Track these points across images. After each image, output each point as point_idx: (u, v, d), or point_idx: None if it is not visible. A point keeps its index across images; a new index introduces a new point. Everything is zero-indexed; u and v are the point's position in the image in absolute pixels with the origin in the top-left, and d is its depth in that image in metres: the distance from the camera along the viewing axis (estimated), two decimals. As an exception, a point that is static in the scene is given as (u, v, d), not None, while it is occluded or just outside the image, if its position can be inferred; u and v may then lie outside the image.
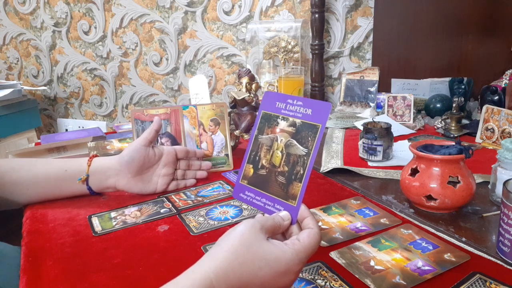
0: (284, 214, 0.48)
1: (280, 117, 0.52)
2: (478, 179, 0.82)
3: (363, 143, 0.97)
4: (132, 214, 0.76)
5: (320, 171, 0.93)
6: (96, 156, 0.80)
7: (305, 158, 0.48)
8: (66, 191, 0.79)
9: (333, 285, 0.55)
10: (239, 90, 1.19)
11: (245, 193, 0.53)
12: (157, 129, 0.81)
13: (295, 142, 0.50)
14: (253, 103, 1.06)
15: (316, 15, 1.47)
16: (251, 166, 0.53)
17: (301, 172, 0.48)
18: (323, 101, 0.49)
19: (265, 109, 0.53)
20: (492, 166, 0.76)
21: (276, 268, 0.43)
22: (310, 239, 0.45)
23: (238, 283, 0.42)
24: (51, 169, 0.78)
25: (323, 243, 0.65)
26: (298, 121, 0.50)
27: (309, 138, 0.49)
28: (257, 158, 0.52)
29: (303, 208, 0.48)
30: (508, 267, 0.58)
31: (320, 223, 0.71)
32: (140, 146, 0.79)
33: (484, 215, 0.71)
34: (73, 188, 0.79)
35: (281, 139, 0.51)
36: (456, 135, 1.13)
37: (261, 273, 0.42)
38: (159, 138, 0.92)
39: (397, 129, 1.18)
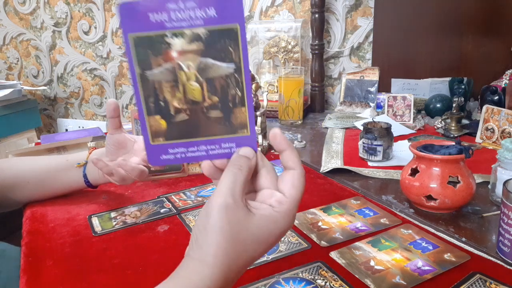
0: (245, 151, 0.40)
1: (167, 34, 0.36)
2: (478, 179, 0.82)
3: (363, 143, 0.97)
4: (132, 214, 0.76)
5: (320, 171, 0.93)
6: (95, 148, 0.83)
7: (236, 75, 0.38)
8: (65, 181, 0.80)
9: (333, 285, 0.55)
10: (239, 90, 1.19)
11: (169, 153, 0.40)
12: (111, 116, 0.73)
13: (210, 60, 0.37)
14: (253, 103, 1.06)
15: (316, 15, 1.47)
16: (158, 117, 0.39)
17: (239, 93, 0.38)
18: None
19: (133, 31, 0.36)
20: (492, 166, 0.76)
21: (272, 240, 0.40)
22: (296, 189, 0.40)
23: (236, 275, 0.40)
24: (52, 159, 0.83)
25: (323, 243, 0.65)
26: (201, 30, 0.36)
27: (230, 48, 0.37)
28: (162, 103, 0.39)
29: (280, 138, 0.40)
30: (508, 267, 0.58)
31: (320, 223, 0.71)
32: (108, 135, 0.78)
33: (484, 215, 0.71)
34: (71, 177, 0.79)
35: (188, 64, 0.37)
36: (456, 135, 1.13)
37: (258, 252, 0.40)
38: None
39: (397, 129, 1.18)
